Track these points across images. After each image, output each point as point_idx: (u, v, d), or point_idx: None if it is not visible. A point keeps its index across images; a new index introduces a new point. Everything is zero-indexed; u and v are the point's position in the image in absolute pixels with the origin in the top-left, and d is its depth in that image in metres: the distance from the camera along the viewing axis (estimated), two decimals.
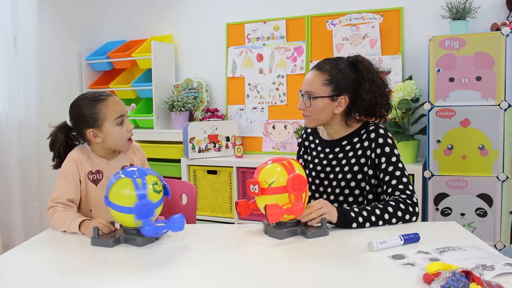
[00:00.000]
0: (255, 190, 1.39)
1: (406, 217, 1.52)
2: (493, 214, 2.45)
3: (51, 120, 1.70)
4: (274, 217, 1.33)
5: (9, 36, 2.92)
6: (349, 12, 3.03)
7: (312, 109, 1.65)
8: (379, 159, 1.62)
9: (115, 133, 1.62)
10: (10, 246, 2.83)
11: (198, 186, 3.14)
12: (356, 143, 1.68)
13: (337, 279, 1.11)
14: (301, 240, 1.38)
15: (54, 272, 1.24)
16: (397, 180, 1.58)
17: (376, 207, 1.51)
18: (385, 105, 1.68)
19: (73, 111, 1.65)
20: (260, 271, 1.18)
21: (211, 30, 3.46)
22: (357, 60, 1.66)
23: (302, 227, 1.42)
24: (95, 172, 1.65)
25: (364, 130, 1.68)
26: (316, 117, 1.66)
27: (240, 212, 1.50)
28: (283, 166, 1.40)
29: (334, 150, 1.72)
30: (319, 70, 1.65)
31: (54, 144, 1.67)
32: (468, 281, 0.95)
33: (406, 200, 1.55)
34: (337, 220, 1.46)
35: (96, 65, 3.66)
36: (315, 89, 1.64)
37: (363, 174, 1.65)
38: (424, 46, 2.67)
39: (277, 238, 1.39)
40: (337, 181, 1.68)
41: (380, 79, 1.66)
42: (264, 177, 1.39)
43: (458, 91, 2.47)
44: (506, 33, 2.38)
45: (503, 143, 2.42)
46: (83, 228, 1.47)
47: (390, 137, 1.64)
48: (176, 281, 1.13)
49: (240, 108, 3.37)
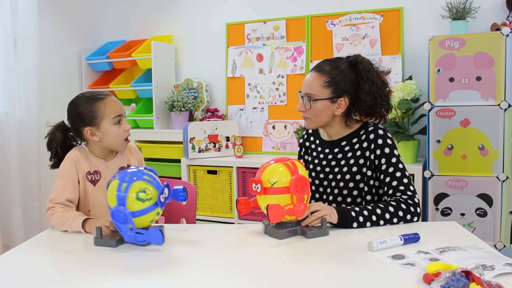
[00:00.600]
0: (257, 189, 1.39)
1: (408, 217, 1.51)
2: (493, 214, 2.45)
3: (49, 120, 1.71)
4: (276, 218, 1.33)
5: (9, 36, 2.92)
6: (349, 12, 3.03)
7: (312, 111, 1.64)
8: (379, 160, 1.61)
9: (113, 132, 1.62)
10: (10, 246, 2.83)
11: (198, 186, 3.14)
12: (355, 144, 1.67)
13: (337, 279, 1.11)
14: (301, 240, 1.38)
15: (54, 272, 1.24)
16: (397, 181, 1.58)
17: (377, 207, 1.51)
18: (385, 105, 1.67)
19: (71, 109, 1.65)
20: (260, 271, 1.18)
21: (211, 30, 3.46)
22: (356, 60, 1.65)
23: (302, 227, 1.43)
24: (93, 172, 1.65)
25: (363, 131, 1.67)
26: (316, 119, 1.66)
27: (241, 209, 1.50)
28: (287, 166, 1.39)
29: (333, 150, 1.71)
30: (318, 72, 1.64)
31: (51, 143, 1.67)
32: (468, 281, 0.95)
33: (408, 200, 1.54)
34: (338, 220, 1.46)
35: (96, 65, 3.66)
36: (315, 91, 1.63)
37: (361, 175, 1.64)
38: (424, 46, 2.67)
39: (277, 238, 1.39)
40: (336, 182, 1.68)
41: (380, 79, 1.65)
42: (267, 176, 1.39)
43: (458, 91, 2.47)
44: (506, 33, 2.38)
45: (503, 143, 2.42)
46: (88, 227, 1.47)
47: (389, 137, 1.64)
48: (177, 281, 1.13)
49: (240, 108, 3.37)
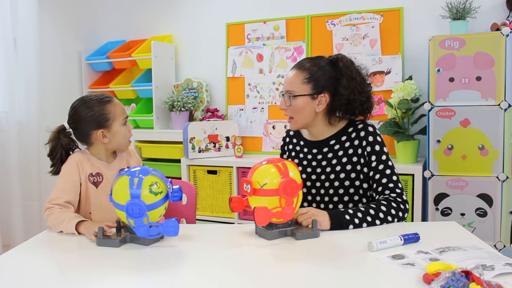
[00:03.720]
0: (247, 190, 1.39)
1: (400, 215, 1.54)
2: (493, 214, 2.45)
3: (49, 124, 1.70)
4: (261, 220, 1.33)
5: (9, 36, 2.92)
6: (349, 12, 3.03)
7: (293, 109, 1.64)
8: (369, 157, 1.62)
9: (122, 133, 1.66)
10: (10, 246, 2.83)
11: (198, 186, 3.14)
12: (345, 142, 1.67)
13: (337, 279, 1.11)
14: (292, 241, 1.38)
15: (54, 272, 1.24)
16: (387, 179, 1.59)
17: (370, 207, 1.52)
18: (365, 102, 1.66)
19: (79, 113, 1.64)
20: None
21: (211, 30, 3.46)
22: (337, 58, 1.67)
23: (292, 228, 1.42)
24: (95, 174, 1.66)
25: (352, 128, 1.67)
26: (299, 118, 1.65)
27: (233, 207, 1.49)
28: (277, 168, 1.39)
29: (322, 150, 1.70)
30: (298, 69, 1.65)
31: (55, 149, 1.65)
32: (468, 281, 0.95)
33: (397, 198, 1.56)
34: (332, 225, 1.45)
35: (96, 65, 3.66)
36: (295, 87, 1.63)
37: (356, 172, 1.64)
38: (424, 46, 2.67)
39: (266, 238, 1.39)
40: (330, 182, 1.67)
41: (360, 76, 1.66)
42: (257, 177, 1.39)
43: (458, 91, 2.47)
44: (506, 33, 2.38)
45: (503, 143, 2.41)
46: (84, 228, 1.47)
47: (379, 135, 1.65)
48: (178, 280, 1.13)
49: (240, 108, 3.37)
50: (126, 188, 1.35)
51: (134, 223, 1.33)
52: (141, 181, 1.35)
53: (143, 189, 1.34)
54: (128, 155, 1.79)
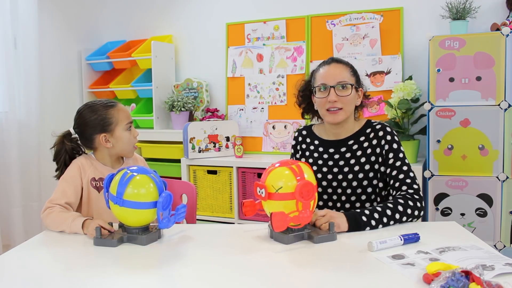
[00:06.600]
0: (262, 194, 1.35)
1: (415, 213, 1.53)
2: (493, 214, 2.45)
3: (49, 124, 1.71)
4: (280, 226, 1.28)
5: (9, 36, 2.91)
6: (349, 12, 3.03)
7: (347, 99, 1.65)
8: (387, 155, 1.64)
9: (125, 138, 1.66)
10: (10, 246, 2.83)
11: (198, 186, 3.14)
12: (363, 142, 1.69)
13: (336, 278, 1.11)
14: (307, 245, 1.34)
15: (54, 272, 1.24)
16: (404, 175, 1.60)
17: (387, 207, 1.50)
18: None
19: (83, 117, 1.65)
20: (265, 276, 1.15)
21: (211, 30, 3.46)
22: None
23: (310, 231, 1.38)
24: (98, 179, 1.66)
25: (370, 129, 1.71)
26: (348, 108, 1.68)
27: (246, 212, 1.44)
28: (292, 170, 1.34)
29: (339, 150, 1.71)
30: (340, 63, 1.71)
31: (60, 153, 1.67)
32: (468, 281, 0.95)
33: (414, 195, 1.56)
34: (349, 227, 1.43)
35: (96, 65, 3.66)
36: (347, 79, 1.67)
37: (374, 171, 1.66)
38: (424, 46, 2.67)
39: (283, 243, 1.35)
40: (348, 181, 1.67)
41: None
42: (272, 181, 1.34)
43: (458, 91, 2.47)
44: (506, 33, 2.38)
45: (503, 143, 2.42)
46: (85, 228, 1.47)
47: (396, 134, 1.70)
48: (178, 280, 1.13)
49: (240, 108, 3.37)
50: (149, 185, 1.37)
51: (163, 215, 1.37)
52: (158, 177, 1.43)
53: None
54: (134, 161, 1.78)
